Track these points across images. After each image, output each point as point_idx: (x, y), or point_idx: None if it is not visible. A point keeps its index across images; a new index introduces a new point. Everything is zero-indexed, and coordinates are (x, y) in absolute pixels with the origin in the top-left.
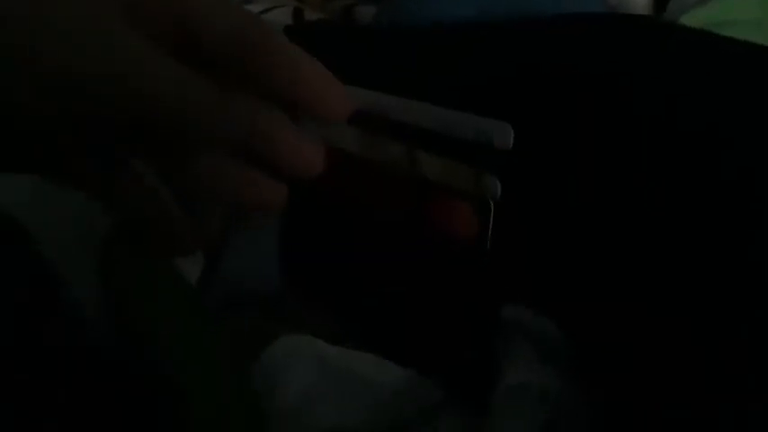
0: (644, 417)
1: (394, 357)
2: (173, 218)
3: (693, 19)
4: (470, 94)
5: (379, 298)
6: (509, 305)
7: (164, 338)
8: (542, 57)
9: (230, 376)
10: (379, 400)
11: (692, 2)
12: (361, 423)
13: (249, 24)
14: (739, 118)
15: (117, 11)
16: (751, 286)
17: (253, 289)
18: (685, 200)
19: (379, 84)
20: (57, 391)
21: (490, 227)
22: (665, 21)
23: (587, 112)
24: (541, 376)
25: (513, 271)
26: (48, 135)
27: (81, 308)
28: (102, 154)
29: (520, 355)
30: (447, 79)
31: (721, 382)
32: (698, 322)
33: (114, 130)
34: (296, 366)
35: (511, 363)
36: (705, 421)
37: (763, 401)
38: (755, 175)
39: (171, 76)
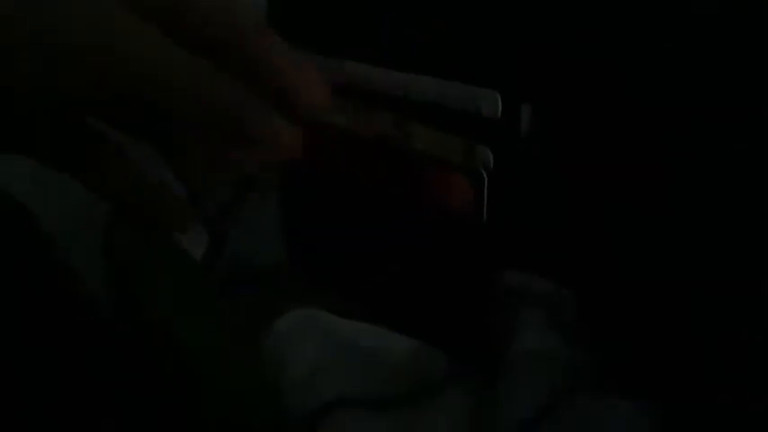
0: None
1: (400, 330)
2: (165, 197)
3: None
4: (471, 61)
5: (382, 271)
6: (516, 272)
7: (172, 317)
8: (540, 16)
9: (242, 352)
10: (386, 371)
11: None
12: (369, 394)
13: (232, 11)
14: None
15: None
16: (751, 280)
17: (258, 266)
18: (690, 174)
19: (377, 54)
20: (61, 371)
21: (485, 198)
22: None
23: (586, 71)
24: (551, 342)
25: (515, 240)
26: (37, 110)
27: (85, 288)
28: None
29: (529, 321)
30: (447, 47)
31: (720, 376)
32: (697, 314)
33: (105, 104)
34: (304, 340)
35: (521, 329)
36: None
37: (762, 400)
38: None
39: (156, 44)
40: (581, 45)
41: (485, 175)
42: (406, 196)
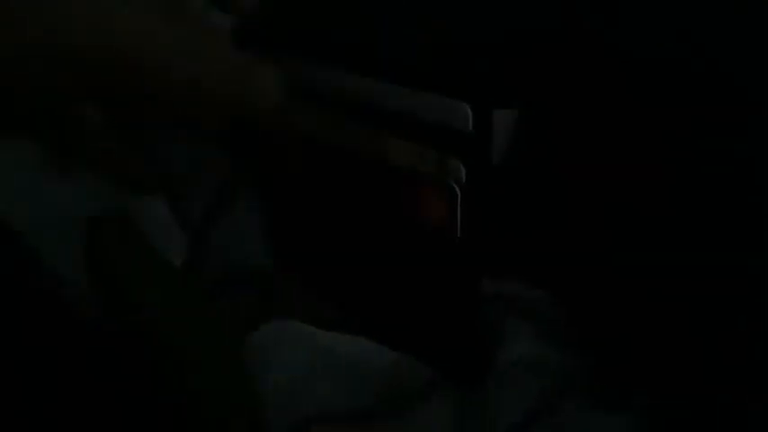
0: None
1: (384, 340)
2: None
3: None
4: (443, 70)
5: (363, 281)
6: (502, 280)
7: (158, 318)
8: (536, 17)
9: (226, 354)
10: (367, 382)
11: None
12: (351, 406)
13: None
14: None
15: None
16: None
17: (242, 270)
18: (688, 175)
19: (348, 60)
20: (48, 372)
21: (458, 212)
22: None
23: (581, 72)
24: (540, 348)
25: (501, 247)
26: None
27: (66, 292)
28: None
29: (517, 328)
30: (419, 54)
31: (719, 374)
32: (696, 310)
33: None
34: (286, 351)
35: (508, 337)
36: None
37: (761, 399)
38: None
39: (156, 39)
40: (575, 46)
41: (457, 190)
42: (381, 207)
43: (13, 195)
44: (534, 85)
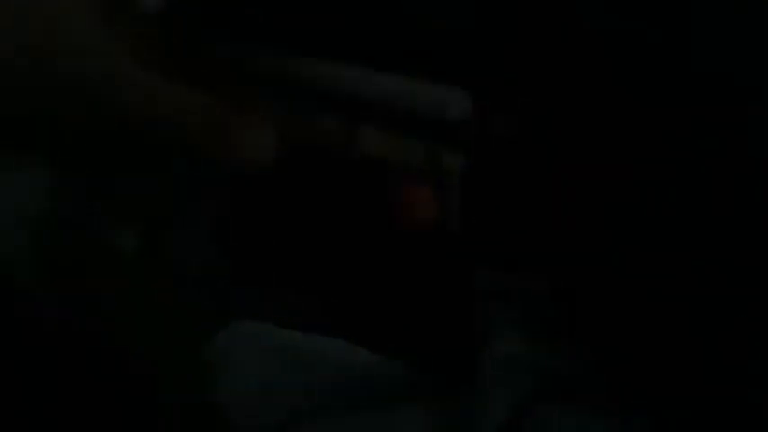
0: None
1: (362, 340)
2: None
3: None
4: (432, 55)
5: (350, 278)
6: (490, 272)
7: (113, 324)
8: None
9: (185, 360)
10: (341, 385)
11: None
12: (323, 410)
13: None
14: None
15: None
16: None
17: (202, 270)
18: (686, 173)
19: (314, 44)
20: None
21: (454, 209)
22: None
23: (575, 65)
24: (528, 348)
25: (494, 242)
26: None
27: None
28: None
29: (506, 324)
30: (403, 37)
31: (720, 371)
32: (696, 308)
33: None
34: (252, 354)
35: (497, 332)
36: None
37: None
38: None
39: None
40: (570, 37)
41: (451, 184)
42: (369, 203)
43: None
44: (531, 77)
